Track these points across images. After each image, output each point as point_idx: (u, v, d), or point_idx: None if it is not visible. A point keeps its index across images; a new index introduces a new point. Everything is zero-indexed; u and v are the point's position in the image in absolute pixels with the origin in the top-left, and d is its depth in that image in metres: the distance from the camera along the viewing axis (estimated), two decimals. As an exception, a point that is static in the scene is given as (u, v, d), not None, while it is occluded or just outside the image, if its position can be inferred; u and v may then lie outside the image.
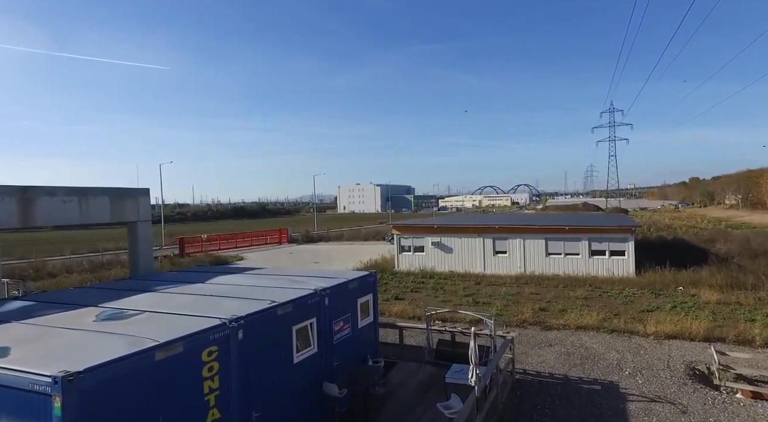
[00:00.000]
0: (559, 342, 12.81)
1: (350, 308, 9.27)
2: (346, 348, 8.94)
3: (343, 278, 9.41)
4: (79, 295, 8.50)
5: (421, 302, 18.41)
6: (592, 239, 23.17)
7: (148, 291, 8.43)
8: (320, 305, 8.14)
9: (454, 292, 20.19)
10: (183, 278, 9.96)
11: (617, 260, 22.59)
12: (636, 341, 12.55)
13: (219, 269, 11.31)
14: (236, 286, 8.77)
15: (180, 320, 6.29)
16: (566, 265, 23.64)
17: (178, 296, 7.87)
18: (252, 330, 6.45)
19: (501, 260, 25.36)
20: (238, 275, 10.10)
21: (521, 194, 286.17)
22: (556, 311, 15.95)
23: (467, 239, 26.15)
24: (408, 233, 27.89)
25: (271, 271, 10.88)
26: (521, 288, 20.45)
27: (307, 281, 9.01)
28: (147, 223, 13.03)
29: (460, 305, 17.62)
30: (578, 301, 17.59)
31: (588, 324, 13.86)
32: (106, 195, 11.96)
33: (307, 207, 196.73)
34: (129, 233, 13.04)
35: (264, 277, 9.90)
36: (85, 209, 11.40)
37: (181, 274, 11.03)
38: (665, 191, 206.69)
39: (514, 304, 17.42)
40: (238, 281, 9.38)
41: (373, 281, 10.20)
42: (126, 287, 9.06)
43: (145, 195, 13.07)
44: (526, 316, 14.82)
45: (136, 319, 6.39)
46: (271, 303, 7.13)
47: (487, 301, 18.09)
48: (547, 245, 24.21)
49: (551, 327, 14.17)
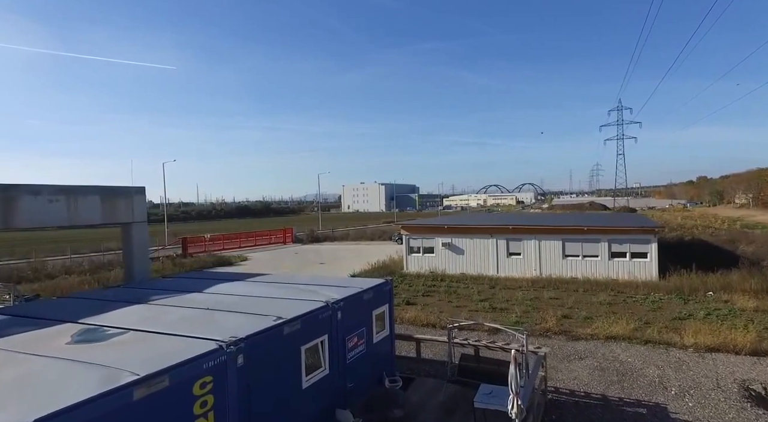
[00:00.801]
0: (589, 354, 11.75)
1: (365, 322, 8.27)
2: (360, 367, 7.94)
3: (356, 287, 8.40)
4: (59, 307, 7.54)
5: (434, 307, 17.39)
6: (612, 241, 22.05)
7: (139, 302, 7.46)
8: (332, 319, 7.14)
9: (468, 296, 19.15)
10: (179, 286, 8.99)
11: (639, 262, 21.46)
12: (675, 354, 11.47)
13: (219, 276, 10.33)
14: (237, 297, 7.78)
15: (169, 342, 5.30)
16: (584, 268, 22.53)
17: (172, 310, 6.89)
18: (254, 354, 5.46)
19: (515, 262, 24.28)
20: (239, 284, 9.12)
21: (526, 193, 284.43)
22: (581, 319, 14.89)
23: (479, 240, 25.09)
24: (417, 233, 26.86)
25: (275, 278, 9.89)
26: (539, 293, 19.37)
27: (316, 291, 8.01)
28: (142, 224, 12.07)
29: (477, 311, 16.58)
30: (602, 307, 16.51)
31: (618, 333, 12.79)
32: (96, 194, 11.00)
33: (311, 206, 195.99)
34: (123, 235, 12.09)
35: (268, 285, 8.91)
36: (74, 210, 10.44)
37: (179, 281, 10.06)
38: (672, 190, 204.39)
39: (534, 310, 16.36)
40: (239, 290, 8.39)
41: (388, 290, 9.20)
42: (114, 296, 8.09)
43: (141, 194, 12.10)
44: (551, 324, 13.76)
45: (117, 341, 5.41)
46: (276, 320, 6.13)
47: (504, 307, 17.03)
48: (564, 246, 23.11)
49: (578, 336, 13.11)
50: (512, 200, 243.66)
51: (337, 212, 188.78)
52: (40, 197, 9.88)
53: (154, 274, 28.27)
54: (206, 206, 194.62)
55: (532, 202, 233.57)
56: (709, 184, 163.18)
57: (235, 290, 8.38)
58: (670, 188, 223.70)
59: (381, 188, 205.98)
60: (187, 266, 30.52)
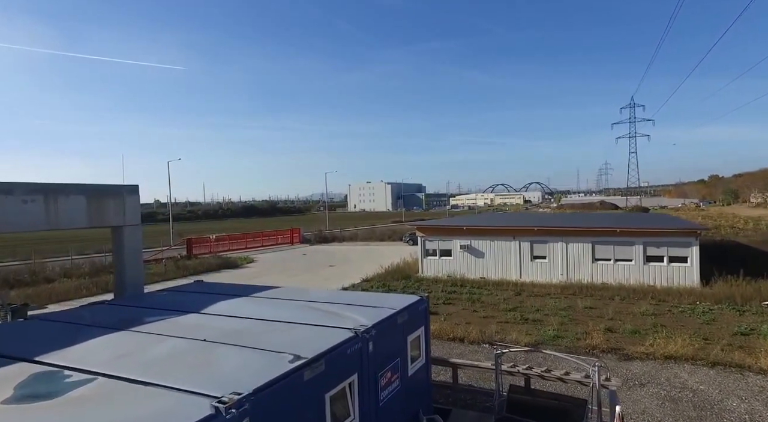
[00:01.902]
0: (650, 379, 10.13)
1: (399, 351, 6.71)
2: (393, 407, 6.39)
3: (388, 307, 6.84)
4: (17, 335, 6.05)
5: (458, 317, 15.81)
6: (648, 243, 20.36)
7: (119, 329, 5.96)
8: (363, 353, 5.59)
9: (494, 305, 17.55)
10: (173, 304, 7.49)
11: (678, 267, 19.75)
12: (754, 381, 9.83)
13: (222, 290, 8.80)
14: (240, 321, 6.26)
15: (147, 399, 3.79)
16: (616, 272, 20.87)
17: (158, 341, 5.37)
18: (263, 415, 3.92)
19: (540, 266, 22.65)
20: (243, 302, 7.60)
21: (533, 192, 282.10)
22: (628, 333, 13.26)
23: (501, 242, 23.48)
24: (433, 234, 25.28)
25: (287, 293, 8.35)
26: (571, 301, 17.74)
27: (339, 314, 6.47)
28: (135, 228, 10.57)
29: (507, 323, 14.98)
30: (647, 319, 14.87)
31: (678, 352, 11.15)
32: (81, 194, 9.51)
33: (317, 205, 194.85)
34: (113, 240, 10.61)
35: (279, 305, 7.38)
36: (53, 211, 8.96)
37: (175, 296, 8.55)
38: (683, 189, 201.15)
39: (572, 322, 14.75)
40: (243, 310, 6.86)
41: (424, 310, 7.62)
42: (92, 319, 6.59)
43: (134, 194, 10.60)
44: (597, 341, 12.14)
45: (76, 396, 3.88)
46: (294, 360, 4.59)
47: (537, 318, 15.43)
48: (594, 249, 21.44)
49: (631, 355, 11.49)
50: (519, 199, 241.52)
51: (343, 211, 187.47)
52: (12, 197, 8.39)
53: (156, 277, 27.02)
54: (213, 206, 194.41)
55: (539, 201, 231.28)
56: (722, 183, 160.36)
57: (239, 310, 6.85)
58: (681, 186, 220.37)
59: (387, 187, 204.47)
60: (191, 269, 29.17)
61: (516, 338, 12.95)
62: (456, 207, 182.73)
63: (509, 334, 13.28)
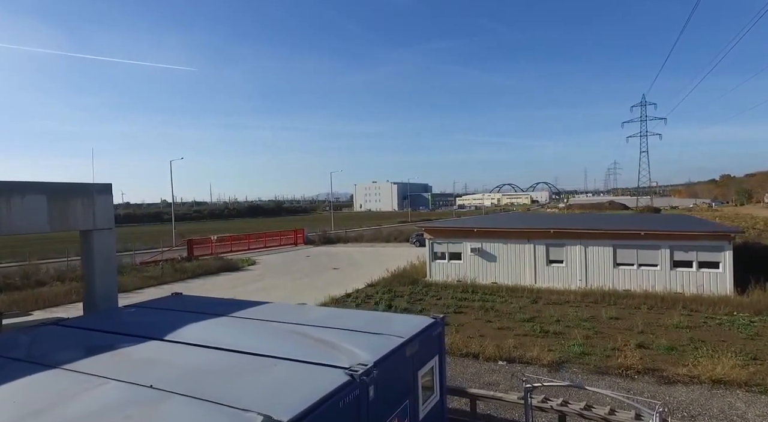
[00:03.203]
0: (700, 409, 8.71)
1: (409, 390, 5.38)
2: (401, 462, 5.07)
3: (395, 334, 5.50)
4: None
5: (471, 328, 14.45)
6: (675, 248, 18.85)
7: (51, 366, 4.67)
8: (361, 403, 4.26)
9: (510, 314, 16.16)
10: (136, 326, 6.22)
11: (709, 273, 18.24)
12: (826, 414, 8.39)
13: (198, 306, 7.47)
14: (208, 353, 4.97)
15: None
16: (640, 279, 19.39)
17: (87, 389, 4.07)
18: None
19: (556, 271, 21.21)
20: (219, 323, 6.30)
21: (540, 192, 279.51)
22: (663, 350, 11.82)
23: (514, 245, 22.06)
24: (442, 236, 23.90)
25: (274, 312, 7.02)
26: (594, 310, 16.30)
27: (334, 345, 5.14)
28: (107, 232, 9.30)
29: (525, 336, 13.59)
30: (682, 332, 13.42)
31: (729, 376, 9.71)
32: (42, 193, 8.25)
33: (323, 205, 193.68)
34: (82, 245, 9.36)
35: (261, 327, 6.07)
36: (6, 213, 7.71)
37: (143, 315, 7.24)
38: (694, 189, 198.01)
39: (597, 336, 13.33)
40: (215, 336, 5.55)
41: (438, 335, 6.28)
42: (26, 349, 5.31)
43: (105, 193, 9.33)
44: (632, 361, 10.71)
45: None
46: (264, 424, 3.27)
47: (558, 330, 14.02)
48: (616, 253, 19.97)
49: (672, 378, 10.06)
50: (526, 199, 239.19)
51: (349, 211, 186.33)
52: (-46, 198, 7.20)
53: (152, 281, 25.85)
54: (219, 206, 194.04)
55: (546, 201, 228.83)
56: (735, 182, 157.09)
57: (211, 337, 5.53)
58: (691, 186, 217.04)
59: (393, 187, 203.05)
60: (189, 272, 27.96)
61: (537, 355, 11.56)
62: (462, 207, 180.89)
63: (529, 350, 11.89)
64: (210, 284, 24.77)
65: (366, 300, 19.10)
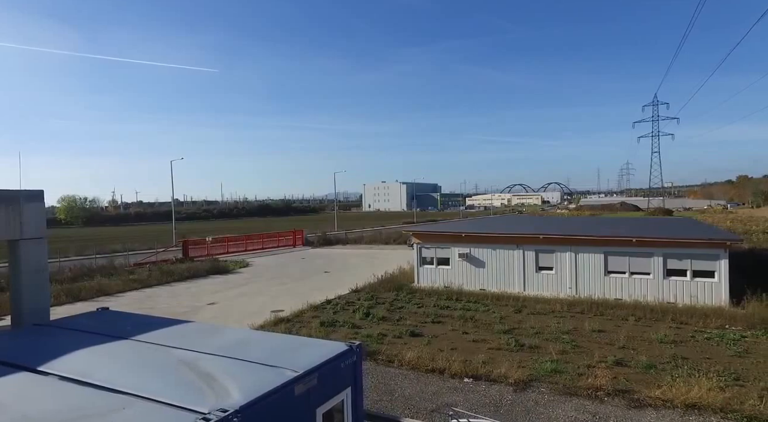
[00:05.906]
0: (667, 440, 7.98)
1: (299, 434, 4.76)
2: None
3: (290, 369, 4.89)
4: None
5: (444, 340, 13.81)
6: (669, 255, 17.96)
7: None
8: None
9: (489, 325, 15.47)
10: (8, 354, 5.71)
11: (703, 283, 17.32)
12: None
13: (106, 327, 6.88)
14: (66, 387, 4.41)
15: None
16: (632, 287, 18.53)
17: None
18: None
19: (546, 278, 20.42)
20: (102, 356, 5.67)
21: (552, 193, 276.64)
22: (641, 369, 11.07)
23: (503, 251, 21.31)
24: (430, 241, 23.24)
25: (180, 336, 6.39)
26: (578, 321, 15.53)
27: (212, 382, 4.55)
28: (37, 242, 8.82)
29: (499, 350, 12.89)
30: (666, 348, 12.62)
31: (704, 400, 8.95)
32: (-40, 201, 7.85)
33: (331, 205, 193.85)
34: (9, 257, 8.93)
35: (148, 357, 5.47)
36: None
37: (57, 336, 6.73)
38: (709, 190, 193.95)
39: (575, 350, 12.60)
40: (89, 369, 4.95)
41: (353, 364, 5.65)
42: None
43: (35, 200, 8.85)
44: (601, 381, 9.98)
45: None
46: None
47: (534, 343, 13.30)
48: (607, 260, 19.13)
49: (643, 401, 9.32)
50: (537, 200, 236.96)
51: (357, 211, 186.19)
52: None
53: (136, 284, 25.54)
54: (229, 205, 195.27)
55: (557, 202, 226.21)
56: (752, 183, 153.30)
57: (83, 370, 4.95)
58: (707, 187, 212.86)
59: (402, 187, 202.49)
60: (177, 275, 27.66)
61: (505, 372, 10.88)
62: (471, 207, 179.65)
63: (498, 367, 11.21)
64: (195, 289, 24.41)
65: (345, 307, 18.53)
